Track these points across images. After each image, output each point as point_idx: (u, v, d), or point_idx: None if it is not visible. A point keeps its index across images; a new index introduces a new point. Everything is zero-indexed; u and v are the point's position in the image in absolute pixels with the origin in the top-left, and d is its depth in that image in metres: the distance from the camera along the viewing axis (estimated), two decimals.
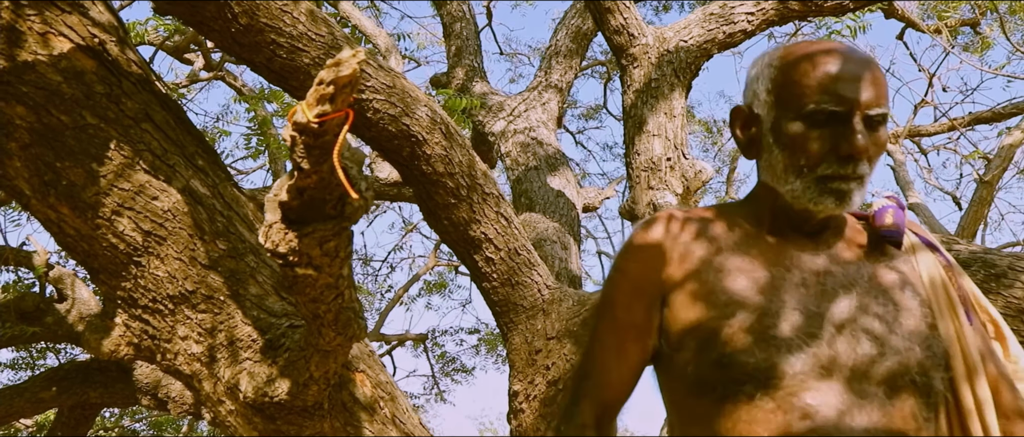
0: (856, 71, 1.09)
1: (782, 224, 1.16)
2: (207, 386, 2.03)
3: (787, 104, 1.12)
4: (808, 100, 1.09)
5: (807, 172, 1.10)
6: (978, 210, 4.37)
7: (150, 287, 1.92)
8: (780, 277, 1.11)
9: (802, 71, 1.11)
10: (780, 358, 1.04)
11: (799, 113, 1.10)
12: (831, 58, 1.10)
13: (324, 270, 1.34)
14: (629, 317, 1.16)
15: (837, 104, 1.08)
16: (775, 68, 1.15)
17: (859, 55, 1.11)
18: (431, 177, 2.20)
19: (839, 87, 1.08)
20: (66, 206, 1.84)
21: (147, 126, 1.88)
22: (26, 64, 1.75)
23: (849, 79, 1.09)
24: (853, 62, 1.10)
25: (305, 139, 1.12)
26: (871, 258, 1.16)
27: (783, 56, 1.15)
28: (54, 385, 4.15)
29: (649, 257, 1.17)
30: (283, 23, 1.86)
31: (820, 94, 1.09)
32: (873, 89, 1.09)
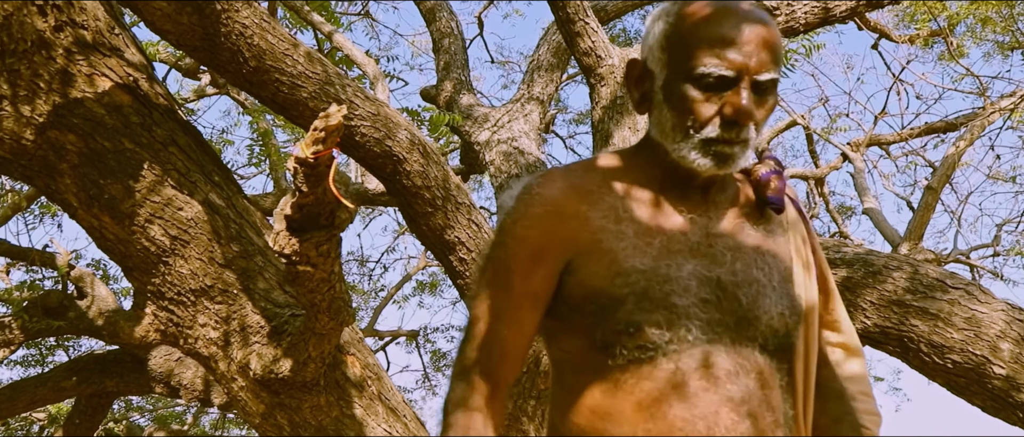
0: (749, 34, 1.08)
1: (672, 181, 1.15)
2: (222, 366, 2.42)
3: (678, 64, 1.10)
4: (698, 62, 1.08)
5: (693, 133, 1.09)
6: (924, 214, 4.75)
7: (175, 282, 2.31)
8: (676, 240, 1.12)
9: (694, 31, 1.09)
10: (680, 324, 1.07)
11: (689, 75, 1.08)
12: (725, 20, 1.08)
13: (319, 267, 1.73)
14: (527, 286, 1.12)
15: (726, 68, 1.07)
16: (670, 25, 1.12)
17: (755, 16, 1.10)
18: (411, 189, 2.60)
19: (729, 51, 1.07)
20: (107, 215, 2.23)
21: (173, 149, 2.28)
22: (76, 100, 2.14)
23: (741, 43, 1.07)
24: (747, 25, 1.08)
25: (304, 170, 1.51)
26: (753, 219, 1.19)
27: (679, 12, 1.12)
28: (74, 375, 4.52)
29: (549, 222, 1.12)
30: (285, 64, 2.24)
31: (710, 57, 1.07)
32: (764, 53, 1.08)
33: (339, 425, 2.54)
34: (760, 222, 1.19)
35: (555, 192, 1.13)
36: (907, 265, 2.17)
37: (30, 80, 2.10)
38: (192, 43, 2.08)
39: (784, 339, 1.13)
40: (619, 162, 1.19)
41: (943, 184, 4.75)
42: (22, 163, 2.19)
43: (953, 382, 2.07)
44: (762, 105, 1.10)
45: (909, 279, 2.12)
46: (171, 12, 1.99)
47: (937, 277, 2.13)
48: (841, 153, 6.15)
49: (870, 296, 2.15)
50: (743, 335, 1.10)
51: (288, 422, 2.50)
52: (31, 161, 2.18)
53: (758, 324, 1.10)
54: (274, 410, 2.46)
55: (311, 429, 2.53)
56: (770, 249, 1.17)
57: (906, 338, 2.10)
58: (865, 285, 2.17)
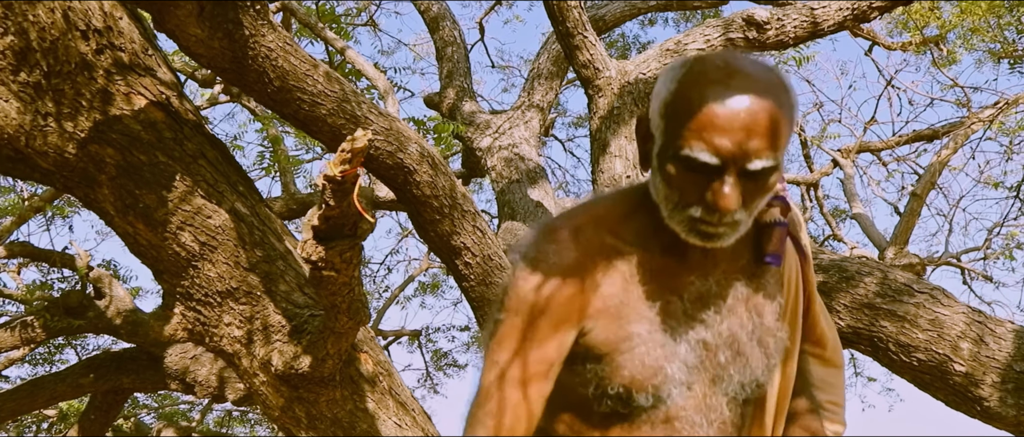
0: (745, 119, 1.01)
1: (673, 240, 1.14)
2: (245, 362, 2.61)
3: (669, 140, 1.07)
4: (685, 144, 1.03)
5: (679, 210, 1.08)
6: (909, 219, 4.94)
7: (203, 285, 2.50)
8: (674, 305, 1.15)
9: (688, 109, 1.04)
10: (666, 386, 1.13)
11: (676, 154, 1.05)
12: (722, 99, 1.02)
13: (342, 272, 1.92)
14: (543, 354, 1.13)
15: (711, 155, 1.02)
16: (670, 94, 1.08)
17: (758, 94, 1.03)
18: (420, 199, 2.78)
19: (718, 137, 1.01)
20: (141, 223, 2.41)
21: (202, 162, 2.46)
22: (115, 117, 2.33)
23: (733, 129, 1.01)
24: (746, 107, 1.02)
25: (332, 186, 1.70)
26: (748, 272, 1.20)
27: (680, 80, 1.07)
28: (92, 372, 4.71)
29: (566, 293, 1.12)
30: (306, 83, 2.43)
31: (697, 141, 1.02)
32: (758, 141, 1.02)
33: (353, 418, 2.73)
34: (756, 273, 1.20)
35: (571, 260, 1.13)
36: (878, 271, 2.36)
37: (73, 99, 2.29)
38: (222, 66, 2.26)
39: (756, 389, 1.20)
40: (625, 215, 1.18)
41: (928, 191, 4.94)
42: (64, 174, 2.38)
43: (919, 378, 2.26)
44: (755, 191, 1.06)
45: (879, 284, 2.31)
46: (204, 38, 2.17)
47: (905, 282, 2.32)
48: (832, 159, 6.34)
49: (843, 299, 2.34)
50: (717, 389, 1.16)
51: (305, 415, 2.68)
52: (72, 173, 2.37)
53: (731, 381, 1.17)
54: (293, 403, 2.65)
55: (327, 421, 2.71)
56: (758, 304, 1.20)
57: (876, 338, 2.28)
58: (839, 289, 2.36)
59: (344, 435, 2.73)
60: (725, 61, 1.06)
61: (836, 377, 1.39)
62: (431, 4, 6.32)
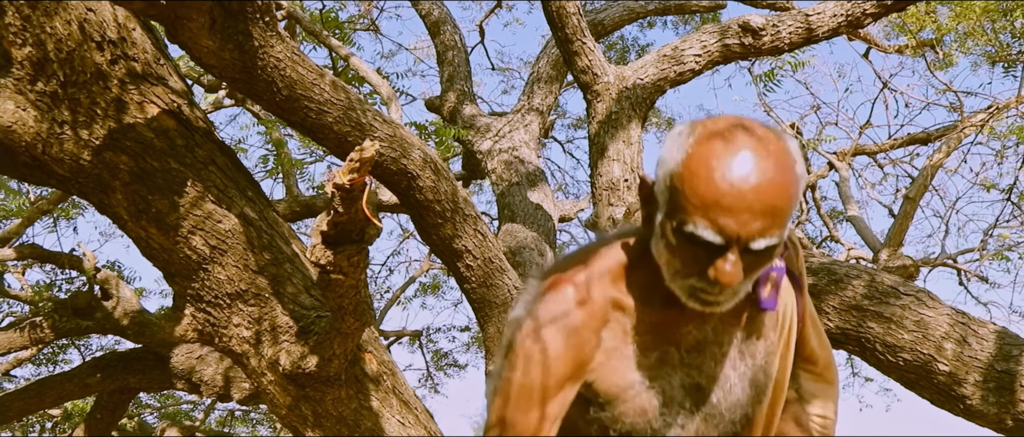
0: (750, 201, 1.02)
1: (668, 292, 1.15)
2: (254, 362, 2.69)
3: (673, 212, 1.07)
4: (689, 220, 1.04)
5: (680, 277, 1.10)
6: (903, 222, 5.02)
7: (213, 287, 2.58)
8: (671, 354, 1.19)
9: (694, 184, 1.04)
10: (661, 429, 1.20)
11: (679, 227, 1.06)
12: (728, 178, 1.02)
13: (350, 276, 2.00)
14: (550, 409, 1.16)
15: (715, 234, 1.03)
16: (677, 165, 1.07)
17: (764, 171, 1.03)
18: (423, 203, 2.87)
19: (723, 217, 1.02)
20: (154, 227, 2.50)
21: (213, 168, 2.55)
22: (129, 125, 2.42)
23: (738, 210, 1.02)
24: (751, 187, 1.02)
25: (341, 194, 1.79)
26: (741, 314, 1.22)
27: (689, 152, 1.07)
28: (99, 371, 4.78)
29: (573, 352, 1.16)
30: (313, 92, 2.51)
31: (701, 219, 1.03)
32: (762, 221, 1.03)
33: (358, 416, 2.81)
34: (752, 316, 1.23)
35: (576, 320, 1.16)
36: (865, 274, 2.44)
37: (89, 107, 2.37)
38: (232, 75, 2.34)
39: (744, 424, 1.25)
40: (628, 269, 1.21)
41: (921, 194, 5.02)
42: (79, 181, 2.46)
43: (904, 378, 2.35)
44: (757, 264, 1.07)
45: (867, 286, 2.40)
46: (215, 49, 2.25)
47: (891, 285, 2.40)
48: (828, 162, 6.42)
49: (832, 301, 2.43)
50: (709, 425, 1.22)
51: (312, 413, 2.77)
52: (87, 179, 2.45)
53: (722, 419, 1.23)
54: (299, 402, 2.73)
55: (332, 420, 2.80)
56: (752, 345, 1.24)
57: (863, 339, 2.37)
58: (828, 291, 2.45)
59: (349, 433, 2.81)
60: (734, 135, 1.06)
61: (826, 392, 1.44)
62: (432, 8, 6.41)
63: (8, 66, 2.34)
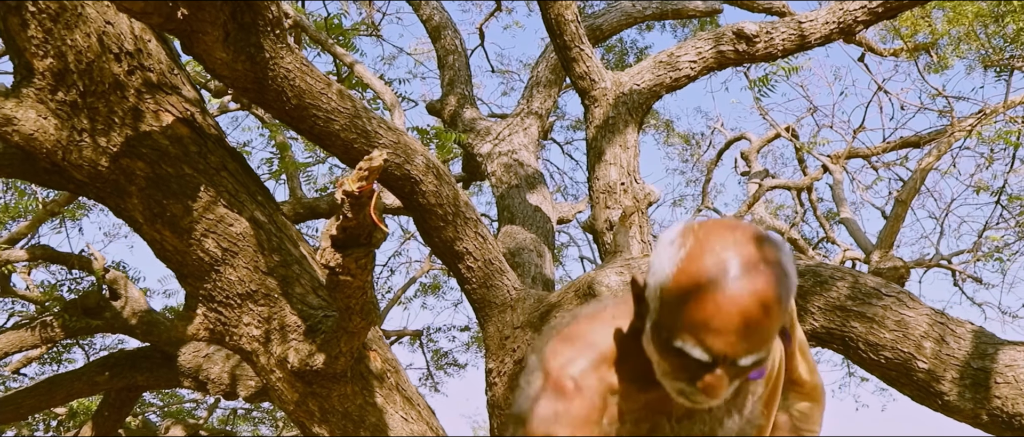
0: (738, 323, 1.03)
1: None
2: (263, 359, 2.80)
3: (664, 325, 1.09)
4: (678, 336, 1.07)
5: (668, 379, 1.13)
6: (894, 224, 5.13)
7: (225, 287, 2.69)
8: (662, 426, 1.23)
9: (683, 302, 1.06)
10: None
11: (669, 342, 1.08)
12: (718, 298, 1.04)
13: (357, 277, 2.11)
14: None
15: (704, 352, 1.05)
16: (669, 277, 1.09)
17: (754, 291, 1.04)
18: (425, 207, 2.97)
19: (711, 338, 1.04)
20: (168, 230, 2.61)
21: (224, 174, 2.66)
22: (145, 133, 2.52)
23: (726, 331, 1.04)
24: (740, 309, 1.03)
25: (350, 200, 1.90)
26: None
27: (680, 267, 1.08)
28: (107, 370, 4.89)
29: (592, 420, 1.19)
30: (321, 101, 2.62)
31: (691, 338, 1.06)
32: (749, 341, 1.05)
33: (363, 412, 2.92)
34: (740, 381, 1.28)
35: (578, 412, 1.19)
36: (849, 276, 2.55)
37: (107, 116, 2.48)
38: (244, 85, 2.45)
39: None
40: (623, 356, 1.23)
41: (912, 197, 5.13)
42: (97, 186, 2.57)
43: (886, 375, 2.45)
44: (743, 373, 1.09)
45: (850, 287, 2.50)
46: (228, 61, 2.36)
47: (874, 286, 2.51)
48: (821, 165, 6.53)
49: (818, 302, 2.53)
50: None
51: (318, 409, 2.87)
52: (105, 184, 2.56)
53: None
54: (307, 398, 2.84)
55: (338, 415, 2.90)
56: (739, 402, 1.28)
57: (847, 338, 2.47)
58: (813, 293, 2.55)
59: (354, 428, 2.92)
60: (724, 253, 1.06)
61: (813, 411, 1.50)
62: (433, 13, 6.52)
63: (30, 77, 2.45)
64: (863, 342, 2.45)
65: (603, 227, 4.37)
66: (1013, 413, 2.26)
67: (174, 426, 7.20)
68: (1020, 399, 2.25)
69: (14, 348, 4.48)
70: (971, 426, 2.38)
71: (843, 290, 2.51)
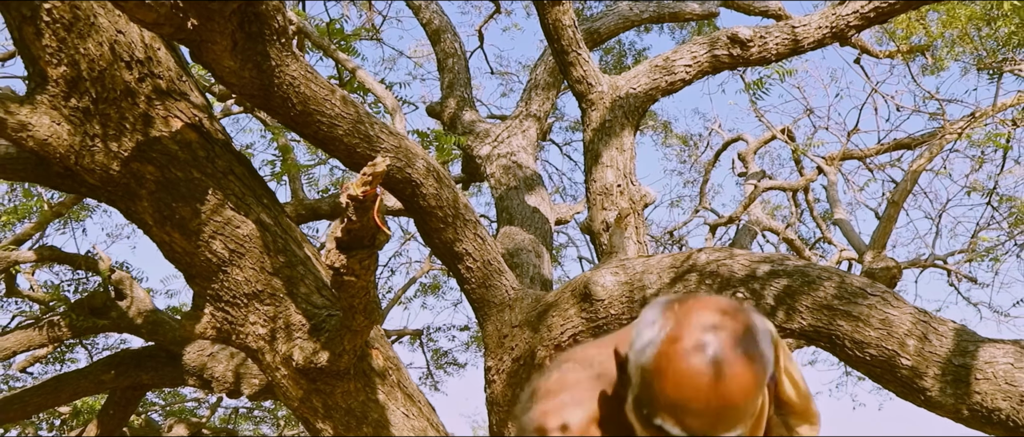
0: (713, 405, 1.08)
1: None
2: (269, 357, 2.88)
3: (643, 399, 1.15)
4: (657, 415, 1.12)
5: None
6: (887, 225, 5.21)
7: (231, 287, 2.78)
8: None
9: (662, 385, 1.11)
10: None
11: (649, 418, 1.13)
12: (694, 382, 1.09)
13: (361, 277, 2.20)
14: None
15: (682, 432, 1.10)
16: (649, 358, 1.14)
17: (728, 376, 1.09)
18: (426, 209, 3.06)
19: (687, 418, 1.09)
20: (177, 233, 2.69)
21: (231, 178, 2.74)
22: (154, 138, 2.61)
23: (702, 413, 1.09)
24: (715, 393, 1.08)
25: (354, 204, 1.98)
26: None
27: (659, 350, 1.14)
28: (113, 369, 4.98)
29: None
30: (325, 107, 2.71)
31: (669, 417, 1.11)
32: (726, 421, 1.10)
33: (365, 408, 3.01)
34: None
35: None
36: (836, 276, 2.64)
37: (118, 122, 2.57)
38: (251, 92, 2.54)
39: None
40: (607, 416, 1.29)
41: (904, 198, 5.22)
42: (108, 189, 2.66)
43: (871, 372, 2.54)
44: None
45: (837, 287, 2.59)
46: (236, 69, 2.44)
47: (859, 285, 2.59)
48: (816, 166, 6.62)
49: (805, 301, 2.62)
50: None
51: (322, 405, 2.96)
52: (116, 188, 2.65)
53: None
54: (311, 395, 2.93)
55: (341, 411, 2.99)
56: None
57: (833, 336, 2.56)
58: (801, 292, 2.64)
59: (357, 424, 3.00)
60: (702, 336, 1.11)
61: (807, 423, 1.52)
62: (433, 17, 6.60)
63: (44, 84, 2.53)
64: (849, 340, 2.54)
65: (600, 228, 4.45)
66: (992, 408, 2.35)
67: (177, 425, 7.29)
68: (999, 395, 2.34)
69: (22, 347, 4.57)
70: (953, 421, 2.47)
71: (830, 290, 2.60)
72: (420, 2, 6.67)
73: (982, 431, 2.43)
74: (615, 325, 3.08)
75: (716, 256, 2.86)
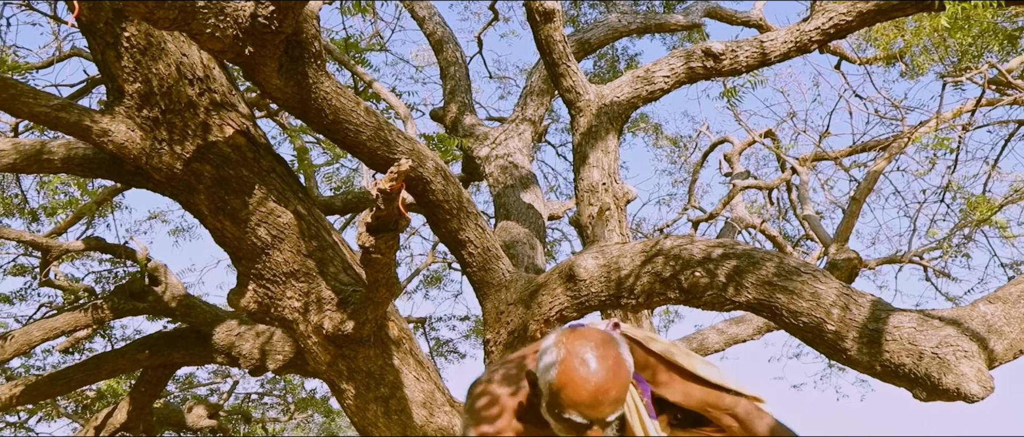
0: (600, 399, 1.70)
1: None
2: (302, 327, 3.42)
3: (553, 403, 1.76)
4: (565, 411, 1.74)
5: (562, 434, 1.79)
6: (849, 220, 5.75)
7: (272, 267, 3.31)
8: None
9: (565, 393, 1.73)
10: None
11: (560, 414, 1.75)
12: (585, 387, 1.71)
13: (385, 255, 2.73)
14: None
15: (582, 419, 1.73)
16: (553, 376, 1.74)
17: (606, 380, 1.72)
18: (435, 202, 3.59)
19: (586, 410, 1.72)
20: (228, 221, 3.23)
21: (273, 175, 3.28)
22: (211, 143, 3.15)
23: (593, 405, 1.71)
24: (600, 394, 1.70)
25: (382, 195, 2.52)
26: None
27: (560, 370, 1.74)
28: (147, 348, 5.50)
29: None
30: (352, 117, 3.24)
31: (573, 410, 1.73)
32: (609, 407, 1.72)
33: (383, 371, 3.54)
34: None
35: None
36: (776, 258, 3.17)
37: (181, 129, 3.11)
38: (292, 104, 3.07)
39: None
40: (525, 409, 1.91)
41: (865, 196, 5.75)
42: (172, 184, 3.20)
43: (804, 336, 3.07)
44: (609, 425, 1.75)
45: (776, 267, 3.13)
46: (281, 85, 2.97)
47: (795, 265, 3.13)
48: (790, 166, 7.16)
49: (751, 278, 3.15)
50: None
51: (346, 368, 3.50)
52: (178, 184, 3.19)
53: None
54: (337, 359, 3.47)
55: (362, 373, 3.53)
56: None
57: (773, 307, 3.09)
58: (748, 271, 3.17)
59: (375, 385, 3.54)
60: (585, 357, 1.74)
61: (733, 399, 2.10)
62: (436, 29, 7.14)
63: (121, 98, 3.07)
64: (786, 310, 3.08)
65: (587, 222, 4.99)
66: (898, 364, 2.89)
67: (197, 406, 7.82)
68: (903, 352, 2.88)
69: (70, 326, 5.09)
70: (869, 375, 3.01)
71: (771, 269, 3.14)
72: (424, 14, 7.21)
73: (891, 383, 2.97)
74: (595, 302, 3.62)
75: (679, 242, 3.40)
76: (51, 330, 5.06)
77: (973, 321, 2.93)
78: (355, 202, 6.09)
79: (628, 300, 3.50)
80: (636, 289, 3.44)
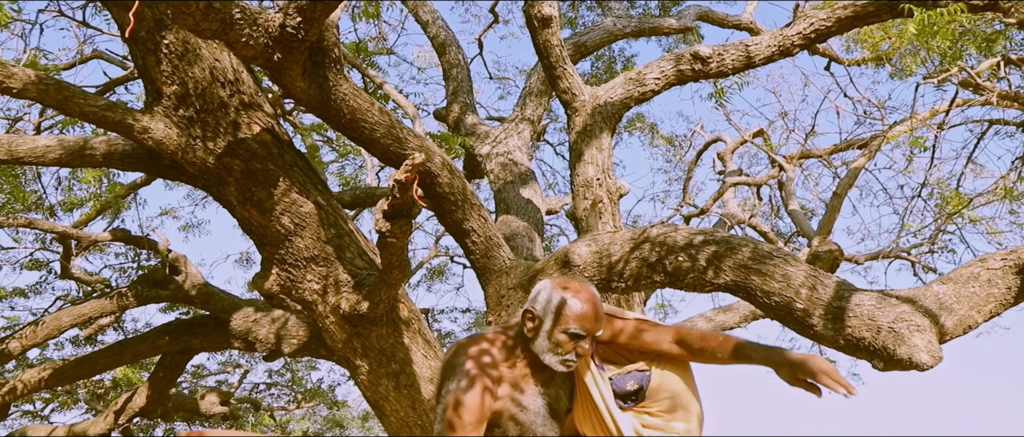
0: (595, 316, 2.41)
1: (535, 363, 2.51)
2: (321, 307, 3.75)
3: (559, 321, 2.42)
4: (571, 325, 2.40)
5: (558, 354, 2.45)
6: (831, 214, 6.08)
7: (294, 253, 3.65)
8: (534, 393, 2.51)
9: (573, 310, 2.40)
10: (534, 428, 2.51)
11: (565, 329, 2.41)
12: (587, 307, 2.41)
13: (400, 239, 3.07)
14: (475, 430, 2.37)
15: (583, 331, 2.41)
16: (560, 302, 2.43)
17: (597, 303, 2.45)
18: (441, 195, 3.92)
19: (586, 323, 2.41)
20: (255, 210, 3.56)
21: (296, 169, 3.61)
22: (241, 139, 3.48)
23: (592, 320, 2.41)
24: (595, 310, 2.42)
25: (398, 185, 2.85)
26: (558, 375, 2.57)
27: (564, 297, 2.44)
28: (168, 335, 5.84)
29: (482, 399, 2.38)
30: (367, 117, 3.57)
31: (578, 324, 2.40)
32: (599, 323, 2.44)
33: (394, 349, 3.87)
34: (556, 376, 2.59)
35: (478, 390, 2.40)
36: (752, 243, 3.50)
37: (214, 127, 3.44)
38: (314, 105, 3.40)
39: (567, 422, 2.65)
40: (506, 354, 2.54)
41: (846, 191, 6.09)
42: (204, 177, 3.53)
43: (776, 314, 3.40)
44: (595, 340, 2.51)
45: (751, 252, 3.46)
46: (305, 88, 3.31)
47: (768, 250, 3.46)
48: (778, 164, 7.50)
49: (728, 262, 3.49)
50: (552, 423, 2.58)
51: (361, 346, 3.83)
52: (210, 177, 3.52)
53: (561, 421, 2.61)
54: (352, 337, 3.79)
55: (375, 351, 3.85)
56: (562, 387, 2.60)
57: (748, 287, 3.42)
58: (726, 255, 3.51)
59: (387, 361, 3.87)
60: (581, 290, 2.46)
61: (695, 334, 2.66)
62: (439, 32, 7.47)
63: (159, 98, 3.40)
64: (759, 290, 3.41)
65: (582, 215, 5.33)
66: (859, 337, 3.22)
67: (209, 393, 8.15)
68: (864, 327, 3.21)
69: (97, 313, 5.42)
70: (834, 349, 3.34)
71: (746, 253, 3.47)
72: (428, 18, 7.54)
73: (853, 356, 3.30)
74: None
75: (664, 230, 3.74)
76: (79, 316, 5.39)
77: (926, 299, 3.26)
78: (363, 197, 6.42)
79: (618, 283, 3.83)
80: (625, 273, 3.77)
